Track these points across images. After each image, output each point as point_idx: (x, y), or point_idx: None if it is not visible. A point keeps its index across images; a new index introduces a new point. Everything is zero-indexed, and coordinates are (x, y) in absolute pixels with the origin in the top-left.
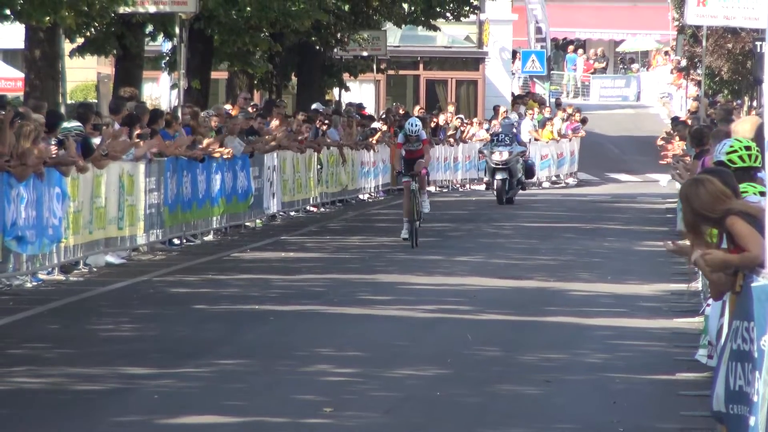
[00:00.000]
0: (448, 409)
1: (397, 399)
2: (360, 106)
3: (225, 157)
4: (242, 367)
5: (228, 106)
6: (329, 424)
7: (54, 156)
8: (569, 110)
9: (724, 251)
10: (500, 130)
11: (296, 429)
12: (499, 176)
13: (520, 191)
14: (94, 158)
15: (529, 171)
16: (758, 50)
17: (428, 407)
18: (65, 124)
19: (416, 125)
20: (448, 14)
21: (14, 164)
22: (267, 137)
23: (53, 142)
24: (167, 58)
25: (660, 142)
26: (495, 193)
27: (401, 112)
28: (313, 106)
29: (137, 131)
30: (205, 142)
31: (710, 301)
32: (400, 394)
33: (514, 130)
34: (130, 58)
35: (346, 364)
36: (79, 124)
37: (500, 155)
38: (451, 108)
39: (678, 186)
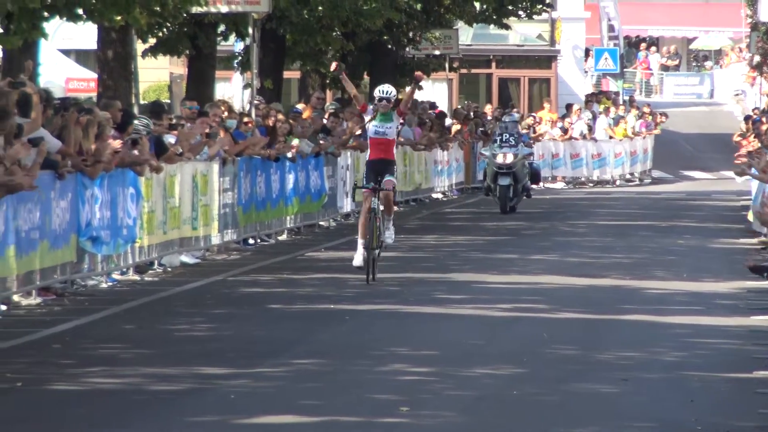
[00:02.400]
0: (524, 408)
1: (472, 398)
2: (432, 105)
3: (288, 155)
4: (318, 366)
5: (301, 106)
6: (405, 424)
7: (119, 150)
8: (646, 109)
9: None
10: (505, 128)
11: (372, 428)
12: (502, 181)
13: (525, 198)
14: (168, 156)
15: (535, 176)
16: None
17: (504, 406)
18: (135, 121)
19: (390, 89)
20: (520, 12)
21: (86, 162)
22: (344, 137)
23: (121, 142)
24: (240, 57)
25: (737, 138)
26: (497, 200)
27: (473, 110)
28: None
29: (206, 130)
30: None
31: None
32: (476, 393)
33: (520, 129)
34: (203, 58)
35: (421, 364)
36: (146, 120)
37: (504, 158)
38: (546, 105)
39: (752, 182)
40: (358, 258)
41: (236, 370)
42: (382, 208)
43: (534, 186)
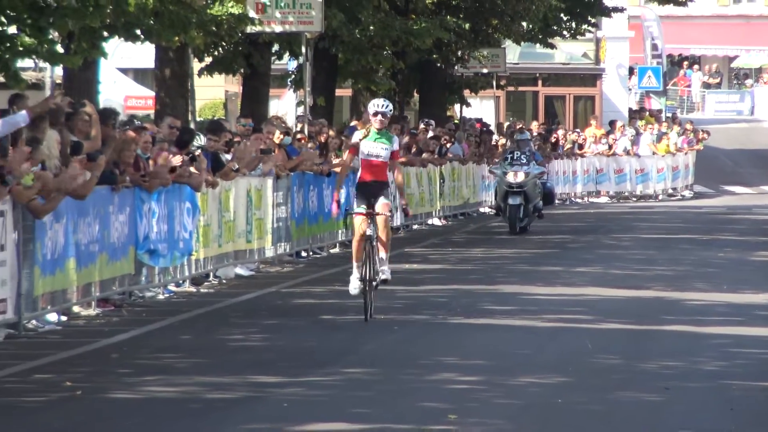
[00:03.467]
0: (569, 416)
1: (519, 406)
2: (478, 121)
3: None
4: (368, 375)
5: (354, 123)
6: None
7: (176, 165)
8: (688, 126)
9: None
10: (516, 146)
11: None
12: (512, 200)
13: (537, 219)
14: (224, 172)
15: (548, 196)
16: None
17: (550, 414)
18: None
19: (387, 104)
20: (565, 32)
21: (144, 177)
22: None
23: (180, 158)
24: (293, 76)
25: None
26: (507, 220)
27: (519, 127)
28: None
29: (261, 146)
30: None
31: None
32: (522, 402)
33: (532, 146)
34: (257, 76)
35: (469, 373)
36: (204, 137)
37: (515, 176)
38: (593, 122)
39: None
40: (354, 284)
41: (289, 379)
42: (376, 236)
43: (547, 206)
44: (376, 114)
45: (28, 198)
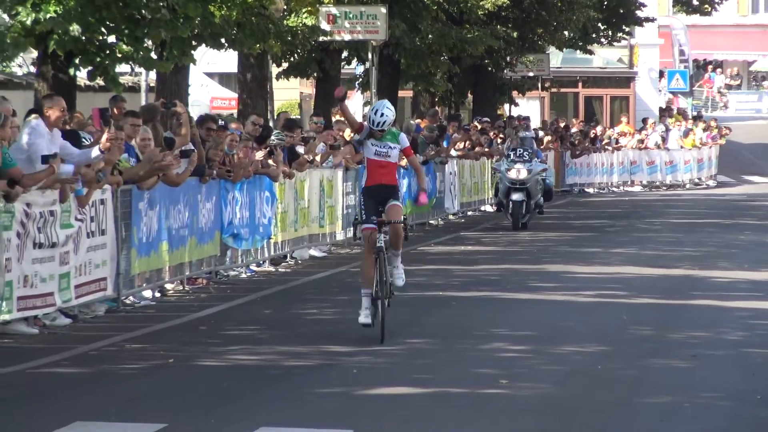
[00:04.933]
0: (607, 380)
1: (563, 372)
2: (525, 118)
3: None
4: (428, 345)
5: (417, 121)
6: (504, 395)
7: (259, 160)
8: (712, 123)
9: None
10: (520, 143)
11: (475, 398)
12: (515, 197)
13: (537, 215)
14: (299, 162)
15: (548, 193)
16: None
17: (590, 379)
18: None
19: (386, 113)
20: (602, 39)
21: (229, 170)
22: (453, 147)
23: (262, 152)
24: (360, 79)
25: None
26: (509, 216)
27: (561, 124)
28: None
29: (331, 141)
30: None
31: None
32: (566, 368)
33: (535, 146)
34: (329, 79)
35: (518, 342)
36: (281, 133)
37: (518, 173)
38: (623, 119)
39: None
40: (365, 313)
41: (358, 348)
42: (390, 242)
43: (547, 202)
44: (377, 124)
45: (134, 174)
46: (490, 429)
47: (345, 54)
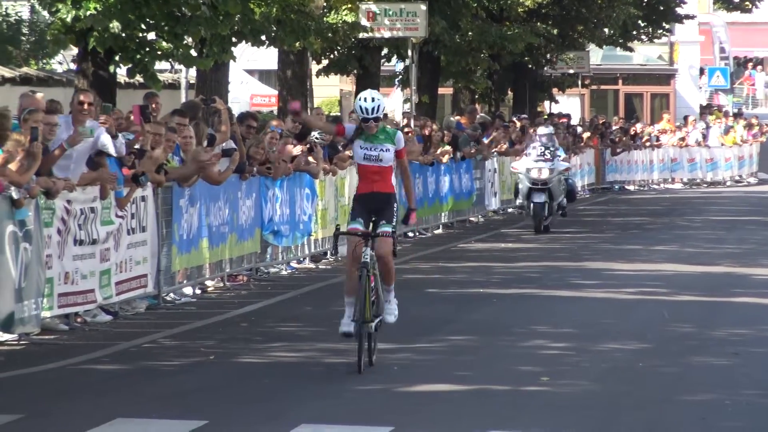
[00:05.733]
0: (648, 378)
1: (604, 369)
2: (565, 116)
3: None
4: (469, 342)
5: (456, 118)
6: (546, 392)
7: (296, 155)
8: (753, 121)
9: None
10: (540, 140)
11: (517, 396)
12: (537, 198)
13: (560, 217)
14: (340, 159)
15: (571, 193)
16: None
17: (632, 376)
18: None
19: (377, 98)
20: (642, 37)
21: (269, 167)
22: (492, 144)
23: (300, 148)
24: (400, 76)
25: None
26: (532, 217)
27: (601, 121)
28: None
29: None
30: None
31: None
32: (608, 365)
33: (557, 145)
34: (369, 76)
35: (559, 340)
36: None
37: (539, 173)
38: (665, 116)
39: None
40: (346, 322)
41: (399, 345)
42: (373, 259)
43: (570, 203)
44: (366, 120)
45: (179, 174)
46: (531, 426)
47: (385, 51)
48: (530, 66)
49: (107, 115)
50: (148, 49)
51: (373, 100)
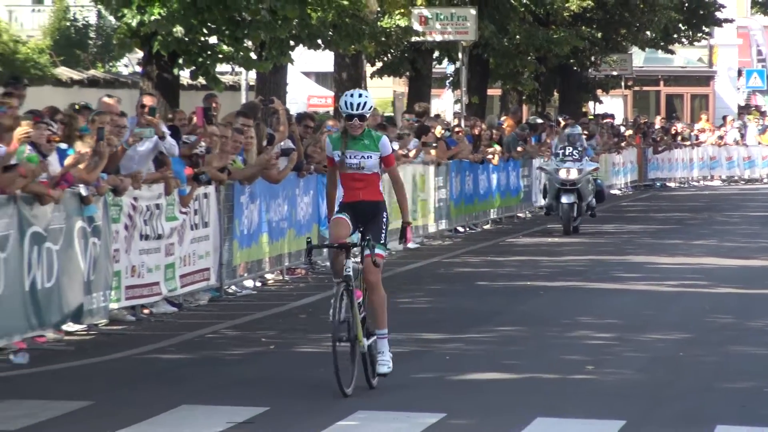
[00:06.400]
0: (690, 367)
1: (647, 359)
2: (609, 116)
3: (492, 159)
4: (517, 332)
5: (504, 119)
6: (591, 380)
7: None
8: None
9: None
10: (568, 140)
11: (563, 384)
12: (565, 199)
13: (589, 218)
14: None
15: (600, 194)
16: None
17: (673, 365)
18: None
19: (364, 94)
20: (683, 40)
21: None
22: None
23: None
24: (451, 78)
25: None
26: (561, 218)
27: (643, 121)
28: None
29: (423, 139)
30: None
31: None
32: (650, 355)
33: (585, 144)
34: (421, 78)
35: (603, 330)
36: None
37: (568, 173)
38: (703, 116)
39: None
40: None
41: (450, 336)
42: (357, 272)
43: (599, 204)
44: (350, 118)
45: (243, 175)
46: (576, 413)
47: (436, 54)
48: (575, 68)
49: (153, 117)
50: (209, 52)
51: (360, 95)
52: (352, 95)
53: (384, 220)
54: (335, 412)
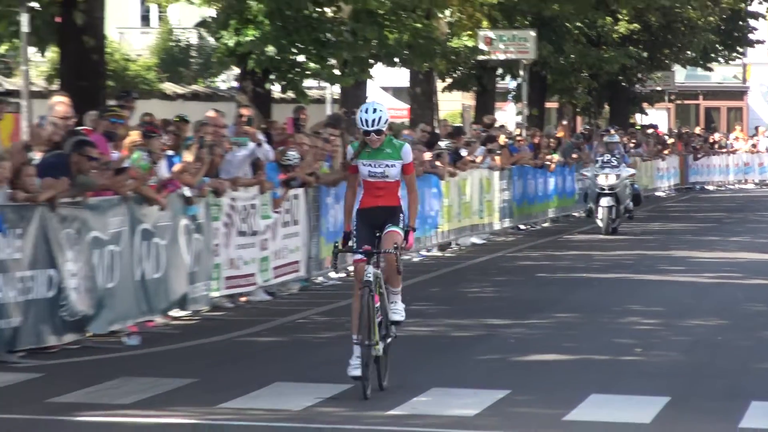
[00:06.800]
0: (727, 349)
1: (689, 342)
2: (654, 126)
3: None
4: (574, 319)
5: (558, 128)
6: (640, 361)
7: (425, 160)
8: None
9: None
10: (606, 148)
11: (615, 364)
12: (605, 203)
13: (627, 219)
14: (462, 163)
15: (637, 198)
16: None
17: (712, 348)
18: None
19: (378, 108)
20: (720, 59)
21: None
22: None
23: (430, 154)
24: (513, 92)
25: None
26: (600, 222)
27: (684, 131)
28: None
29: (489, 146)
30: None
31: None
32: (692, 339)
33: (623, 151)
34: (486, 92)
35: (650, 317)
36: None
37: (607, 179)
38: (737, 127)
39: None
40: (354, 364)
41: (514, 321)
42: (381, 275)
43: (636, 207)
44: (367, 134)
45: (329, 180)
46: (627, 390)
47: (500, 71)
48: (624, 84)
49: (250, 126)
50: (298, 69)
51: (374, 111)
52: (366, 111)
53: (401, 216)
54: (411, 389)
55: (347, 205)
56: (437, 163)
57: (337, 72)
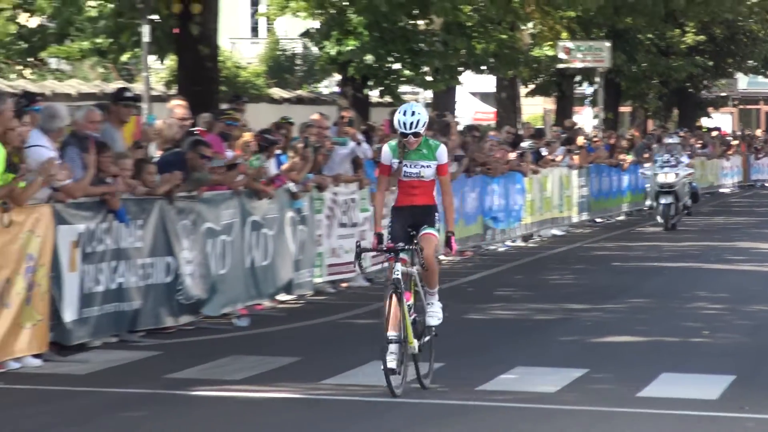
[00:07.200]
0: None
1: (752, 326)
2: (720, 129)
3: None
4: (646, 304)
5: (631, 130)
6: (707, 342)
7: (510, 158)
8: None
9: None
10: (666, 149)
11: (684, 346)
12: (664, 200)
13: (685, 215)
14: (544, 161)
15: (695, 195)
16: None
17: None
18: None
19: (417, 110)
20: None
21: (489, 168)
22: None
23: (514, 154)
24: (590, 97)
25: None
26: (661, 218)
27: (747, 133)
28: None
29: (568, 147)
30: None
31: None
32: (755, 323)
33: (681, 152)
34: (565, 97)
35: (716, 302)
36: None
37: (666, 177)
38: None
39: None
40: (390, 357)
41: (590, 306)
42: (416, 272)
43: (694, 204)
44: (405, 136)
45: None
46: (695, 369)
47: (578, 78)
48: (691, 90)
49: (351, 127)
50: (394, 75)
51: (413, 114)
52: (404, 113)
53: (436, 218)
54: (498, 367)
55: (377, 206)
56: (521, 162)
57: (429, 78)
